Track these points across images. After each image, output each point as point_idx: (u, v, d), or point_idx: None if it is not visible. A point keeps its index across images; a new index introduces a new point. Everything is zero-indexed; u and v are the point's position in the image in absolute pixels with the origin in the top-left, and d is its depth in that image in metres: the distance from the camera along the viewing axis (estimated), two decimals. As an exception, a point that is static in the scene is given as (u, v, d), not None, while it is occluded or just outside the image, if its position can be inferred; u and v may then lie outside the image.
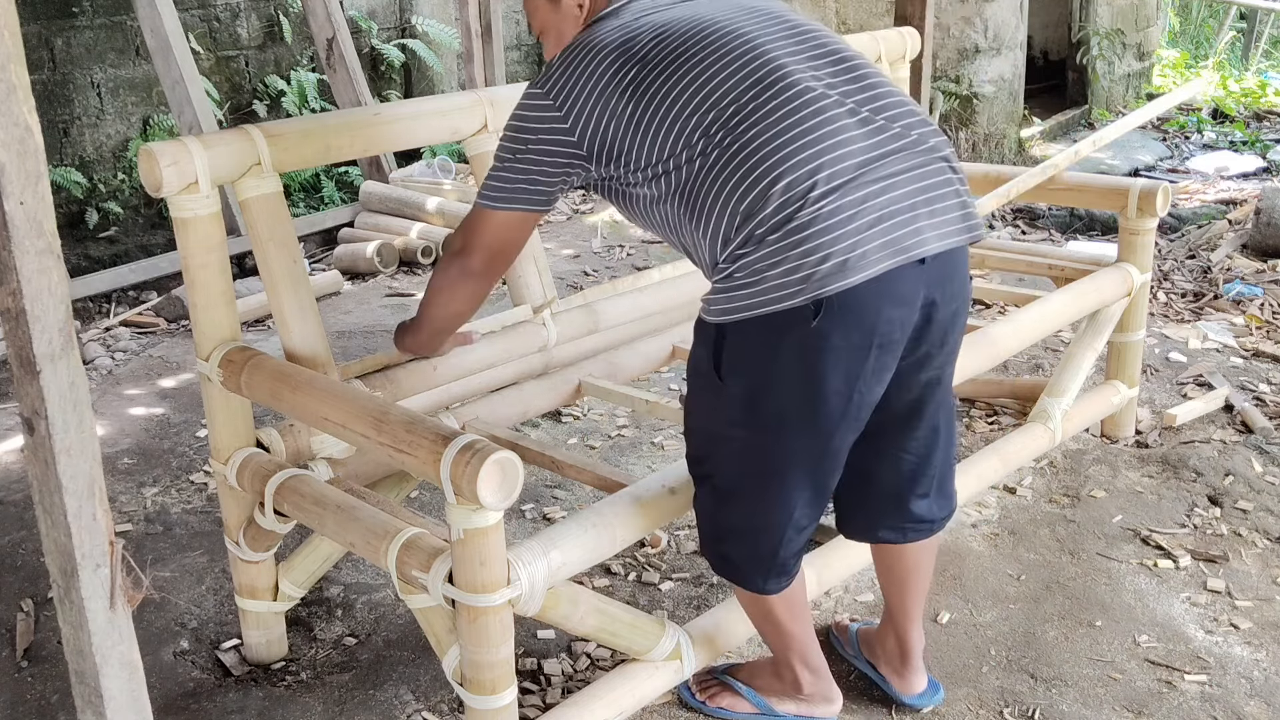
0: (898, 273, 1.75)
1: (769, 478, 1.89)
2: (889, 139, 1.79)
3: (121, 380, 3.89)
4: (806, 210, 1.71)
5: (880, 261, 1.72)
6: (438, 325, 2.21)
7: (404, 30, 6.63)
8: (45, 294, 1.45)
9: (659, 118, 1.82)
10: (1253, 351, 3.86)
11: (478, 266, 2.03)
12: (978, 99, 6.24)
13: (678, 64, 1.83)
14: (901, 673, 2.25)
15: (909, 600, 2.20)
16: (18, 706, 2.31)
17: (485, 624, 1.79)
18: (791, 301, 1.71)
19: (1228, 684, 2.31)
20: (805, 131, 1.75)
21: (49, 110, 5.17)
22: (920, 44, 3.37)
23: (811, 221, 1.70)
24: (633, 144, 1.85)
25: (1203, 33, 10.35)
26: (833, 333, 1.74)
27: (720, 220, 1.76)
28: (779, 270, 1.71)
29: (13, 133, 1.39)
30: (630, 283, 2.82)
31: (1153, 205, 3.02)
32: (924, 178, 1.79)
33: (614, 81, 1.85)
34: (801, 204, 1.71)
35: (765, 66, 1.81)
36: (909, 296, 1.79)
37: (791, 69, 1.81)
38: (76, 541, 1.55)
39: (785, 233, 1.71)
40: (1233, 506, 2.93)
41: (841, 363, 1.77)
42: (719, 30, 1.86)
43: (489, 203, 1.98)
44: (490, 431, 2.47)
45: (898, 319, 1.79)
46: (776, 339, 1.76)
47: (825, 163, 1.73)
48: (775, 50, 1.84)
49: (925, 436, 2.02)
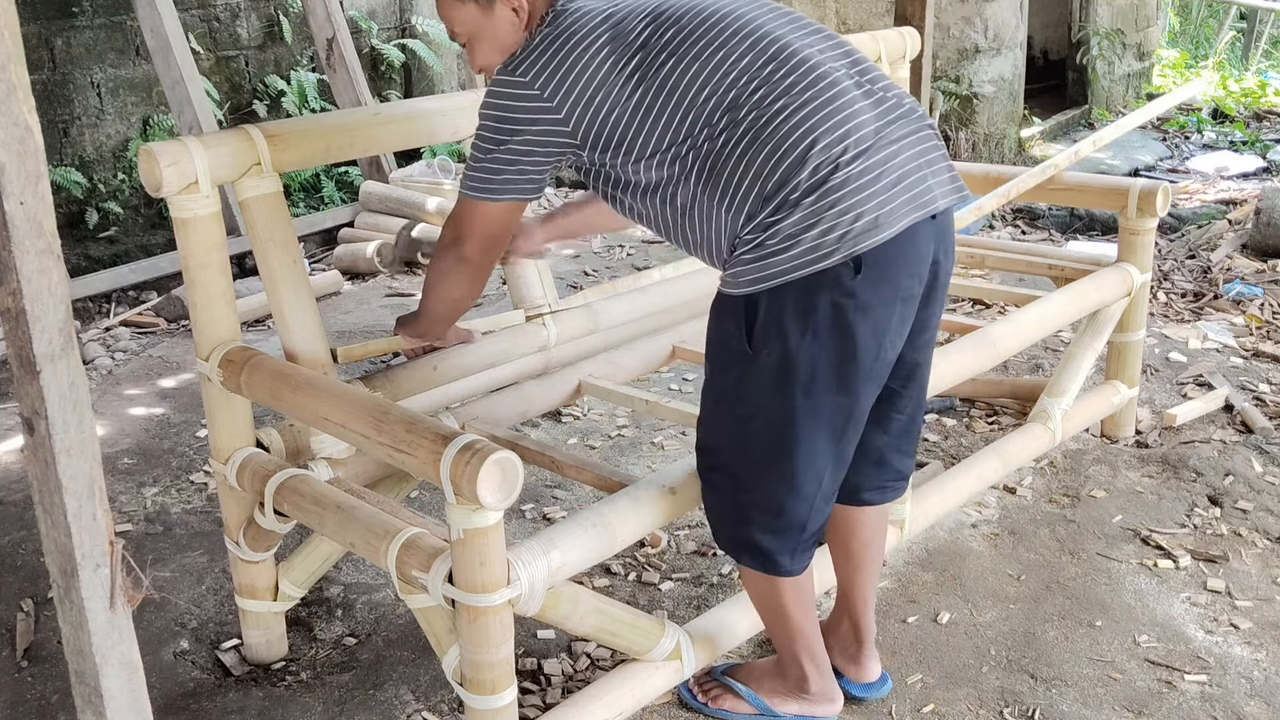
0: (917, 228, 1.83)
1: (796, 444, 1.90)
2: (889, 109, 1.87)
3: (121, 380, 3.89)
4: (841, 171, 1.77)
5: (905, 217, 1.81)
6: (438, 315, 2.22)
7: (404, 30, 6.63)
8: (45, 294, 1.46)
9: (673, 102, 1.85)
10: (1253, 351, 3.86)
11: (472, 254, 2.04)
12: (978, 99, 6.24)
13: (684, 48, 1.86)
14: (857, 659, 2.26)
15: (863, 580, 2.23)
16: (18, 706, 2.31)
17: (485, 624, 1.79)
18: (829, 261, 1.77)
19: (1228, 684, 2.31)
20: (827, 101, 1.82)
21: (49, 110, 5.17)
22: (920, 44, 3.37)
23: (845, 182, 1.77)
24: (639, 131, 1.87)
25: (1203, 33, 10.35)
26: (865, 289, 1.80)
27: (750, 190, 1.80)
28: (816, 231, 1.76)
29: (13, 133, 1.39)
30: (630, 283, 2.82)
31: (1153, 205, 3.02)
32: (921, 142, 1.88)
33: (615, 70, 1.86)
34: (835, 165, 1.77)
35: (775, 45, 1.86)
36: (925, 252, 1.88)
37: (798, 46, 1.87)
38: (76, 541, 1.55)
39: (821, 194, 1.77)
40: (1233, 506, 2.93)
41: (871, 320, 1.83)
42: (716, 14, 1.90)
43: (476, 194, 1.98)
44: (490, 431, 2.47)
45: (917, 273, 1.87)
46: (812, 301, 1.80)
47: (851, 128, 1.80)
48: (777, 30, 1.89)
49: (916, 396, 2.09)
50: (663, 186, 1.89)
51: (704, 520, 2.88)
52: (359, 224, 5.39)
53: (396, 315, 2.42)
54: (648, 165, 1.88)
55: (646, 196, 1.93)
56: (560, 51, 1.88)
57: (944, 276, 1.97)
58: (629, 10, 1.93)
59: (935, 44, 5.68)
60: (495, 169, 1.94)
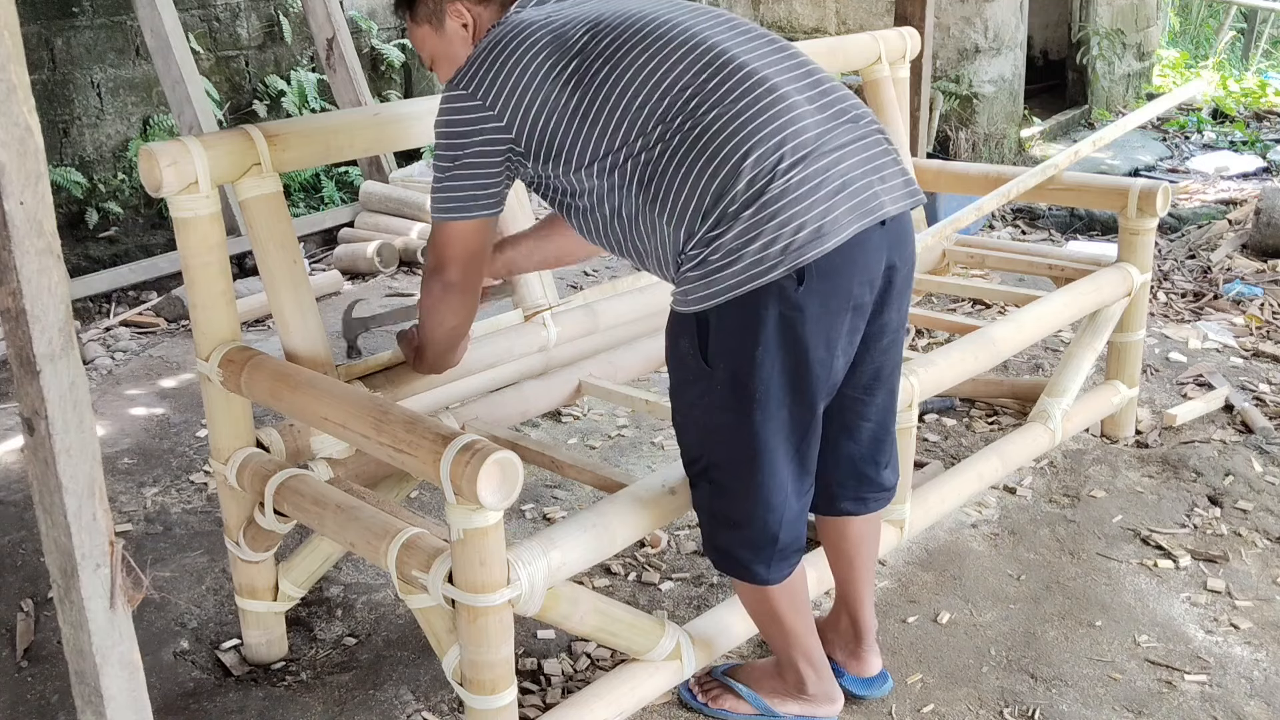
0: (865, 235, 1.81)
1: (759, 457, 1.90)
2: (834, 115, 1.85)
3: (121, 380, 3.89)
4: (777, 182, 1.75)
5: (850, 225, 1.78)
6: (441, 345, 2.20)
7: (404, 30, 6.63)
8: (45, 294, 1.46)
9: (607, 108, 1.82)
10: (1253, 351, 3.86)
11: (455, 278, 2.03)
12: (978, 99, 6.24)
13: (620, 54, 1.84)
14: (857, 654, 2.27)
15: (859, 578, 2.23)
16: (18, 706, 2.31)
17: (485, 624, 1.79)
18: (772, 275, 1.74)
19: (1228, 684, 2.31)
20: (763, 109, 1.79)
21: (49, 110, 5.17)
22: (920, 44, 3.38)
23: (784, 192, 1.74)
24: (577, 137, 1.85)
25: (1203, 33, 10.35)
26: (812, 301, 1.78)
27: (689, 202, 1.77)
28: (757, 245, 1.74)
29: (13, 133, 1.39)
30: (630, 283, 2.82)
31: (1153, 205, 3.02)
32: (868, 148, 1.85)
33: (551, 74, 1.85)
34: (771, 176, 1.75)
35: (711, 52, 1.84)
36: (874, 259, 1.85)
37: (736, 53, 1.85)
38: (76, 541, 1.55)
39: (759, 206, 1.74)
40: (1233, 506, 2.93)
41: (822, 330, 1.82)
42: (656, 22, 1.88)
43: (445, 214, 1.97)
44: (490, 431, 2.47)
45: (868, 281, 1.86)
46: (759, 315, 1.79)
47: (787, 136, 1.78)
48: (716, 37, 1.87)
49: (883, 402, 2.07)
50: (605, 196, 1.87)
51: (704, 520, 2.89)
52: (359, 224, 5.39)
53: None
54: (587, 174, 1.86)
55: (593, 208, 1.91)
56: (499, 59, 1.87)
57: (901, 281, 1.94)
58: (570, 18, 1.91)
59: (935, 44, 5.68)
60: (456, 185, 1.93)
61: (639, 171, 1.82)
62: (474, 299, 2.10)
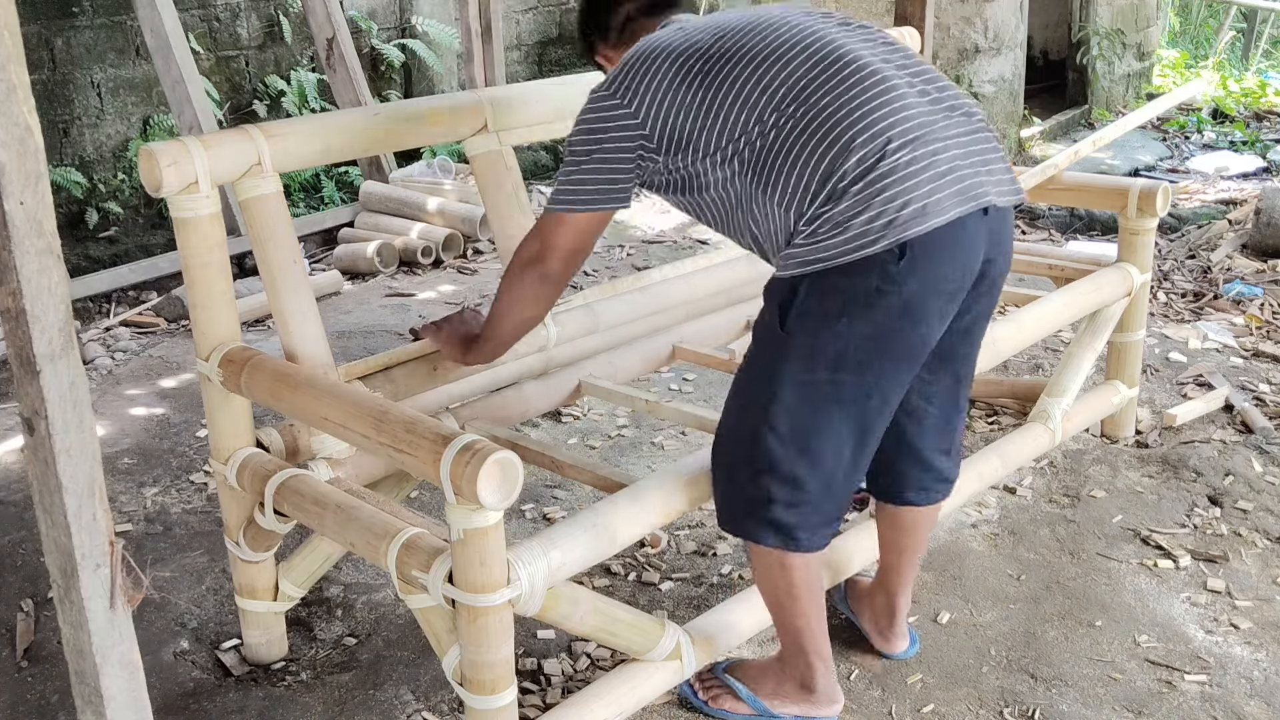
0: (967, 221, 1.86)
1: (820, 421, 1.93)
2: (946, 108, 1.93)
3: (121, 380, 3.89)
4: (886, 161, 1.82)
5: (953, 208, 1.83)
6: (508, 335, 2.22)
7: (404, 30, 6.63)
8: (45, 294, 1.46)
9: (729, 102, 1.92)
10: (1253, 351, 3.86)
11: (554, 269, 2.08)
12: (978, 99, 6.24)
13: (742, 53, 1.95)
14: (885, 632, 2.37)
15: (904, 564, 2.30)
16: (18, 706, 2.31)
17: (485, 624, 1.79)
18: (875, 247, 1.80)
19: (1228, 684, 2.31)
20: (874, 96, 1.87)
21: (49, 110, 5.16)
22: (920, 44, 3.38)
23: (892, 170, 1.82)
24: (702, 129, 1.94)
25: (1203, 33, 10.35)
26: (908, 277, 1.83)
27: (799, 182, 1.85)
28: (863, 218, 1.80)
29: (13, 133, 1.39)
30: (630, 283, 2.82)
31: (1153, 205, 3.02)
32: (976, 142, 1.92)
33: (680, 75, 1.96)
34: (881, 155, 1.82)
35: (827, 47, 1.94)
36: (974, 245, 1.89)
37: (851, 48, 1.94)
38: (76, 541, 1.55)
39: (867, 183, 1.81)
40: (1233, 506, 2.93)
41: (910, 306, 1.86)
42: (776, 23, 1.99)
43: (566, 207, 2.03)
44: (490, 431, 2.47)
45: (964, 267, 1.90)
46: (855, 285, 1.84)
47: (897, 121, 1.85)
48: (832, 34, 1.97)
49: (949, 389, 2.12)
50: (727, 184, 1.95)
51: (704, 520, 2.89)
52: (359, 224, 5.39)
53: (396, 315, 2.41)
54: (711, 163, 1.95)
55: (708, 193, 1.99)
56: (637, 67, 2.00)
57: (996, 275, 1.99)
58: (700, 27, 2.04)
59: (935, 44, 5.67)
60: (585, 179, 2.00)
61: (754, 157, 1.90)
62: (559, 294, 2.16)
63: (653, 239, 5.28)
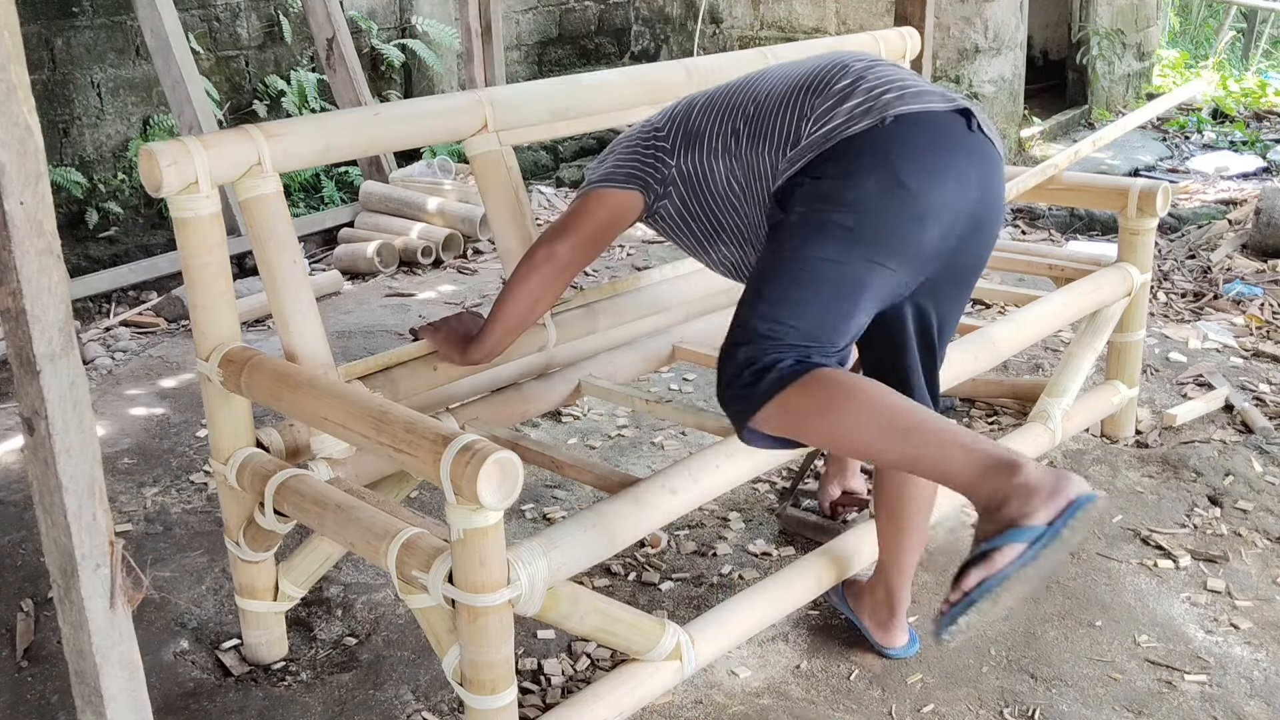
0: (951, 124, 1.94)
1: (805, 274, 1.91)
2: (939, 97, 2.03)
3: (121, 380, 3.89)
4: (863, 85, 1.99)
5: (935, 103, 1.94)
6: (512, 317, 2.20)
7: (404, 30, 6.63)
8: (45, 294, 1.46)
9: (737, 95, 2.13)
10: (1253, 351, 3.86)
11: (564, 251, 2.14)
12: (978, 99, 6.24)
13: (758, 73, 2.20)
14: (886, 626, 2.37)
15: (904, 554, 2.29)
16: (18, 706, 2.31)
17: (485, 624, 1.79)
18: (862, 124, 1.91)
19: (1228, 684, 2.31)
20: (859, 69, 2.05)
21: (49, 110, 5.16)
22: (920, 44, 3.38)
23: (870, 88, 1.98)
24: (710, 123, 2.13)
25: (1203, 33, 10.35)
26: (901, 147, 1.89)
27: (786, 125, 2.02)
28: (846, 106, 1.95)
29: (13, 133, 1.39)
30: (630, 283, 2.82)
31: (1153, 205, 3.02)
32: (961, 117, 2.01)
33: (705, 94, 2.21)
34: (858, 80, 2.00)
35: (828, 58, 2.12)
36: (965, 181, 1.93)
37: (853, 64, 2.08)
38: (76, 541, 1.55)
39: (844, 96, 1.98)
40: (1233, 506, 2.93)
41: (902, 182, 1.88)
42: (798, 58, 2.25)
43: (595, 185, 2.17)
44: (490, 431, 2.47)
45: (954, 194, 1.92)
46: (845, 165, 1.91)
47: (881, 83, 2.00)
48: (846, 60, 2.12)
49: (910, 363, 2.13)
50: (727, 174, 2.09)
51: (704, 520, 2.89)
52: (359, 224, 5.39)
53: (396, 315, 2.42)
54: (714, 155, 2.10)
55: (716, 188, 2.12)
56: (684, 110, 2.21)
57: (977, 246, 2.03)
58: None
59: (935, 44, 5.67)
60: (614, 161, 2.18)
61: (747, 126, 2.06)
62: (566, 281, 2.19)
63: (652, 239, 5.28)
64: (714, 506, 2.94)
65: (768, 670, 2.37)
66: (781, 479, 3.09)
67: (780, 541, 2.82)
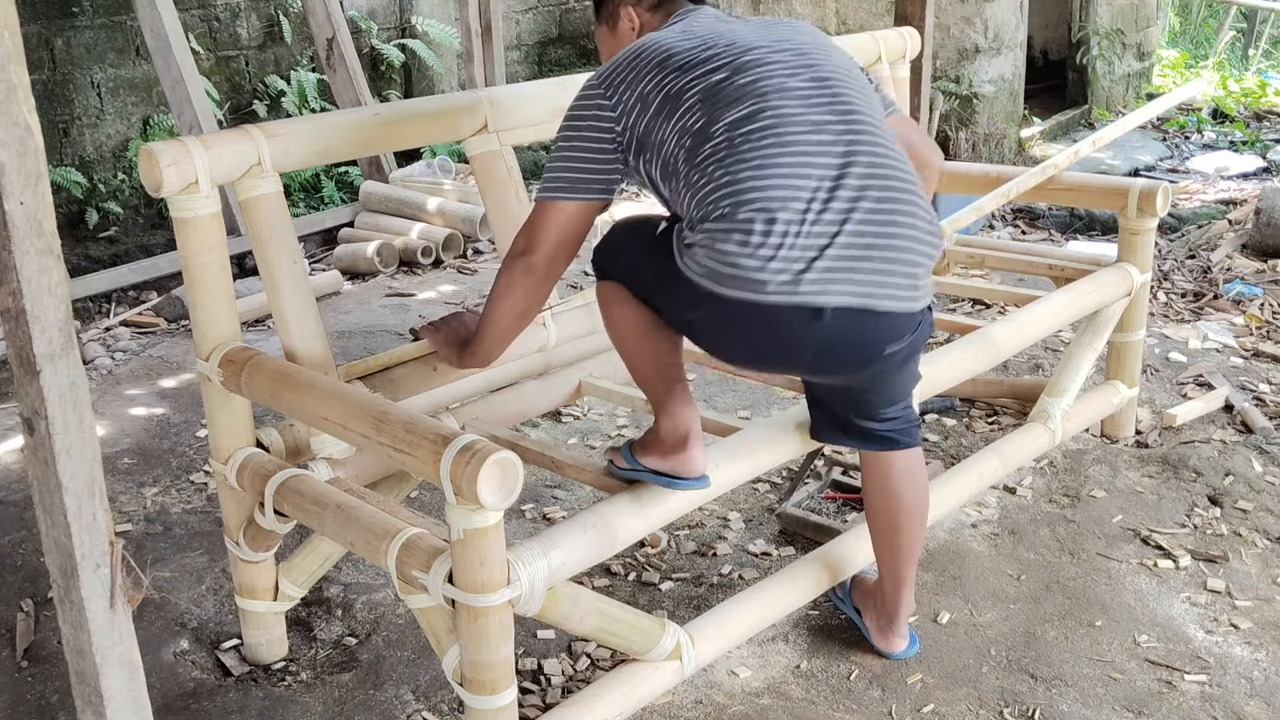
0: (792, 315, 1.92)
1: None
2: (861, 178, 1.92)
3: (121, 380, 3.89)
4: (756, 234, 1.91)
5: (803, 296, 1.93)
6: (500, 330, 2.19)
7: (404, 30, 6.63)
8: (45, 294, 1.46)
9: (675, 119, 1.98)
10: (1253, 351, 3.86)
11: (540, 263, 2.08)
12: (978, 99, 6.24)
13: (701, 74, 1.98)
14: (885, 631, 2.38)
15: (900, 564, 2.30)
16: (18, 706, 2.31)
17: (485, 624, 1.79)
18: (716, 287, 1.95)
19: (1228, 684, 2.31)
20: (782, 162, 1.91)
21: (49, 110, 5.16)
22: (920, 44, 3.38)
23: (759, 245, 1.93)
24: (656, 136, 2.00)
25: (1203, 33, 10.35)
26: (714, 314, 1.97)
27: (695, 200, 1.96)
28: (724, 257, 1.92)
29: (13, 133, 1.39)
30: (630, 283, 2.81)
31: (1153, 205, 3.02)
32: (887, 224, 1.91)
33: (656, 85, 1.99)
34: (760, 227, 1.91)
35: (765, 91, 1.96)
36: (794, 363, 2.04)
37: (786, 101, 1.95)
38: (76, 541, 1.55)
39: (725, 233, 1.92)
40: (1233, 506, 2.93)
41: (746, 359, 2.12)
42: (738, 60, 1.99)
43: (549, 194, 2.06)
44: (490, 431, 2.47)
45: (783, 368, 2.14)
46: (723, 316, 1.97)
47: (800, 189, 1.89)
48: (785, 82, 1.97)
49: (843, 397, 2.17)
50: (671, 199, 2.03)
51: (704, 520, 2.89)
52: (359, 224, 5.39)
53: (396, 315, 2.41)
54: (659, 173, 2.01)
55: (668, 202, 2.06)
56: (630, 64, 2.03)
57: (851, 357, 1.99)
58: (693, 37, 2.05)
59: (935, 44, 5.67)
60: (567, 164, 2.04)
61: (680, 168, 1.98)
62: (550, 287, 2.15)
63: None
64: (714, 506, 2.94)
65: (768, 670, 2.37)
66: (782, 479, 3.09)
67: (780, 541, 2.82)
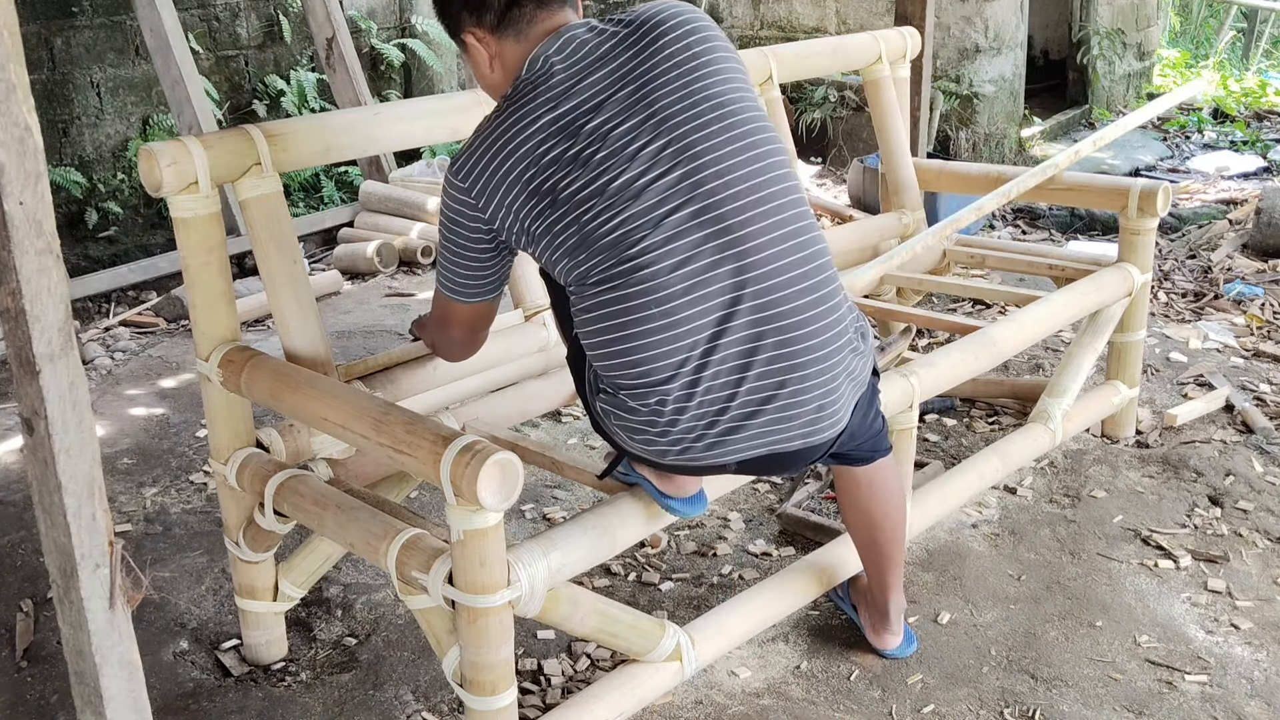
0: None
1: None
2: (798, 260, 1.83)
3: (121, 380, 3.89)
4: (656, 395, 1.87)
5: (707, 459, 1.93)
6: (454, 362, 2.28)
7: (404, 30, 6.63)
8: (45, 294, 1.45)
9: (562, 227, 1.82)
10: (1253, 351, 3.85)
11: (460, 336, 2.11)
12: (978, 99, 6.24)
13: (586, 180, 1.79)
14: (878, 628, 2.39)
15: (883, 567, 2.30)
16: (18, 706, 2.31)
17: (485, 625, 1.79)
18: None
19: (1228, 684, 2.31)
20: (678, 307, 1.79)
21: (49, 110, 5.16)
22: (920, 44, 3.38)
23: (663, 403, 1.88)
24: (543, 240, 1.84)
25: (1203, 32, 10.35)
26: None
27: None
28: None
29: (13, 133, 1.39)
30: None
31: (1153, 205, 3.02)
32: (819, 354, 1.86)
33: (528, 183, 1.81)
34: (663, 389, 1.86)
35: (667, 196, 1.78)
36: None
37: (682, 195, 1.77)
38: (76, 541, 1.55)
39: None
40: (1233, 506, 2.93)
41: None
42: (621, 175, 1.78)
43: (446, 294, 2.03)
44: (490, 431, 2.47)
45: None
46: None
47: (689, 344, 1.80)
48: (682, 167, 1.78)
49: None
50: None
51: (704, 520, 2.89)
52: (359, 224, 5.39)
53: (396, 315, 2.42)
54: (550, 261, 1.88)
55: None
56: (490, 151, 1.83)
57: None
58: (572, 108, 1.81)
59: (935, 44, 5.67)
60: (453, 270, 1.97)
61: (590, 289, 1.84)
62: (479, 344, 2.17)
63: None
64: (714, 506, 2.93)
65: (768, 670, 2.37)
66: (782, 479, 3.08)
67: (780, 541, 2.82)
